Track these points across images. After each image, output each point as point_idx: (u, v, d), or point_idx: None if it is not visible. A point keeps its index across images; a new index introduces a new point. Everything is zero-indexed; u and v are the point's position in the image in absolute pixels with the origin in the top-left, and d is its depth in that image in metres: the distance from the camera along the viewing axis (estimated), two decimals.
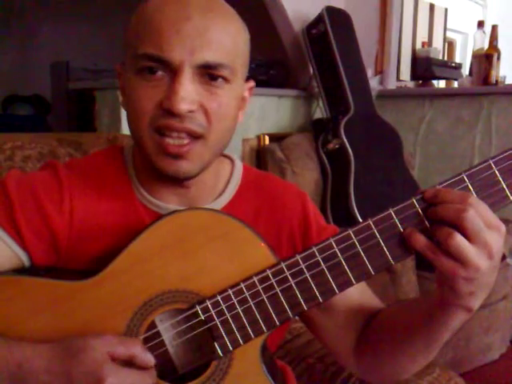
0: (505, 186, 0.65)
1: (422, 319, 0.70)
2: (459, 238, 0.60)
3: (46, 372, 0.63)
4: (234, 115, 0.75)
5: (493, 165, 0.65)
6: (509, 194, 0.65)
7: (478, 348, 2.20)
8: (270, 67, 2.48)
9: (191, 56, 0.68)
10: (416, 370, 0.78)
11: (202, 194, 0.80)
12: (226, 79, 0.71)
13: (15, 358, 0.64)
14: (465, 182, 0.65)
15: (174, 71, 0.68)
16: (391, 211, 0.66)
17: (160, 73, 0.69)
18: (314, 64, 2.50)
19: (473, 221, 0.60)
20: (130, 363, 0.65)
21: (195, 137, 0.71)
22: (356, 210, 2.22)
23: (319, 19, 2.46)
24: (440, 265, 0.62)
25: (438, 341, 0.70)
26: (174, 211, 0.71)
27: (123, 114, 1.98)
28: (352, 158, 2.31)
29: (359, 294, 0.81)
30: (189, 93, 0.68)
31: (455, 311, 0.65)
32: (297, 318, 0.83)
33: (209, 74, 0.70)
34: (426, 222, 0.65)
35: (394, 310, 0.79)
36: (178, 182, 0.75)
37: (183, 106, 0.67)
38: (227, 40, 0.71)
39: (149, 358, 0.66)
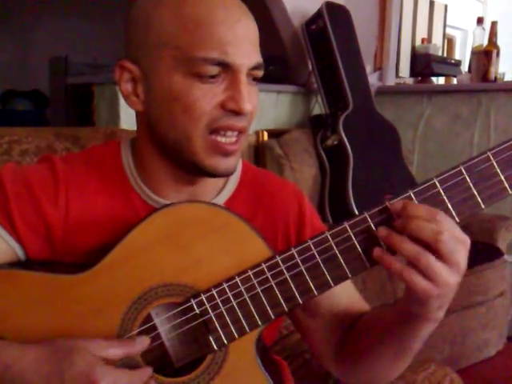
0: (503, 178, 0.64)
1: (390, 329, 0.71)
2: (432, 260, 0.61)
3: (36, 373, 0.62)
4: None
5: (491, 156, 0.64)
6: (507, 186, 0.64)
7: (475, 345, 2.20)
8: (268, 63, 2.46)
9: (248, 58, 0.71)
10: (390, 379, 0.78)
11: (204, 191, 0.80)
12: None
13: (3, 359, 0.63)
14: (462, 174, 0.64)
15: (233, 73, 0.70)
16: (388, 203, 0.66)
17: (221, 75, 0.70)
18: (313, 60, 2.50)
19: (448, 243, 0.60)
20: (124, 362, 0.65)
21: (241, 132, 0.73)
22: (354, 206, 2.23)
23: (318, 15, 2.46)
24: (415, 285, 0.62)
25: (407, 349, 0.71)
26: (170, 204, 0.71)
27: (121, 108, 1.98)
28: (350, 154, 2.31)
29: (347, 298, 0.81)
30: (249, 93, 0.71)
31: (423, 323, 0.66)
32: None
33: (253, 74, 0.73)
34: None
35: (369, 318, 0.79)
36: (217, 177, 0.76)
37: (249, 107, 0.70)
38: (258, 39, 0.74)
39: (141, 341, 0.67)
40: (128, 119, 1.96)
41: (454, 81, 3.55)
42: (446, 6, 3.83)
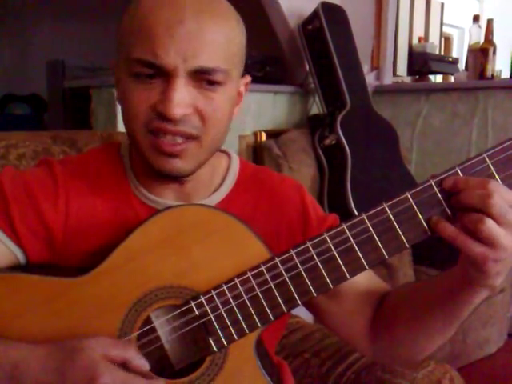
0: (499, 179, 0.64)
1: (443, 297, 0.70)
2: (490, 223, 0.60)
3: (41, 372, 0.63)
4: (229, 115, 0.75)
5: (487, 158, 0.65)
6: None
7: (476, 342, 2.20)
8: (265, 64, 2.48)
9: (185, 61, 0.68)
10: (432, 350, 0.77)
11: (197, 189, 0.80)
12: (220, 83, 0.71)
13: (11, 358, 0.64)
14: (458, 175, 0.65)
15: (168, 76, 0.68)
16: (385, 205, 0.66)
17: (154, 77, 0.69)
18: (309, 60, 2.50)
19: (499, 205, 0.60)
20: (124, 366, 0.65)
21: (190, 138, 0.71)
22: (353, 206, 2.23)
23: (315, 15, 2.46)
24: (470, 250, 0.62)
25: (457, 318, 0.71)
26: (169, 207, 0.71)
27: (119, 111, 1.97)
28: (348, 154, 2.31)
29: (366, 279, 0.81)
30: (183, 98, 0.68)
31: (479, 290, 0.66)
32: (292, 312, 0.83)
33: (204, 78, 0.69)
34: (448, 210, 0.65)
35: (409, 290, 0.79)
36: (174, 179, 0.76)
37: (177, 112, 0.68)
38: (222, 42, 0.70)
39: (143, 363, 0.65)
40: None
41: (452, 79, 3.55)
42: (442, 5, 3.84)
